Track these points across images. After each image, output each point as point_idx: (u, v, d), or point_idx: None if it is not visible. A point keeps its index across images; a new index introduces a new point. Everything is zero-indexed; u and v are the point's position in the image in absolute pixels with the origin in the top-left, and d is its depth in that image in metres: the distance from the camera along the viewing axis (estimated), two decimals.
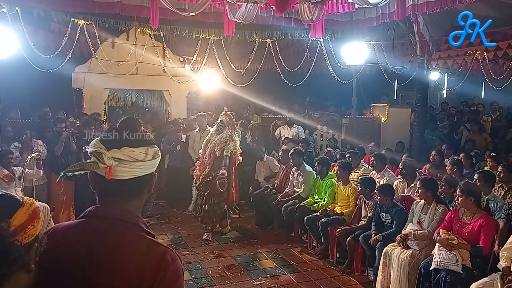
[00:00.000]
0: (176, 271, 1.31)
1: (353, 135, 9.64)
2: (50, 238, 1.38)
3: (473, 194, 4.16)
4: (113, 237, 1.32)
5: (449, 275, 3.88)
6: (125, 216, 1.36)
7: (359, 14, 7.98)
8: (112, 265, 1.27)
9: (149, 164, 1.40)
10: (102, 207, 1.39)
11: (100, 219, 1.36)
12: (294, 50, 10.66)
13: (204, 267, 5.43)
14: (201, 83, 9.47)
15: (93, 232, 1.33)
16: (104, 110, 8.78)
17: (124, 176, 1.35)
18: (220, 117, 6.51)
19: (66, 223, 1.45)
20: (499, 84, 9.71)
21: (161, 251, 1.32)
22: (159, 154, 1.43)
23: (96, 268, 1.27)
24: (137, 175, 1.37)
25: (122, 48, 8.70)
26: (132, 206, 1.40)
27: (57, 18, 7.77)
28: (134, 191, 1.40)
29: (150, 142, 1.42)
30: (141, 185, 1.41)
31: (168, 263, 1.30)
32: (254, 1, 6.26)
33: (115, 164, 1.33)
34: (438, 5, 6.26)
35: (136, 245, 1.31)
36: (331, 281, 5.07)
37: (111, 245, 1.30)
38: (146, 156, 1.37)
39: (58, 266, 1.31)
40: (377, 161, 6.27)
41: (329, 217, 5.78)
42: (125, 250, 1.29)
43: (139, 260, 1.28)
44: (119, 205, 1.37)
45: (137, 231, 1.36)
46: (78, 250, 1.31)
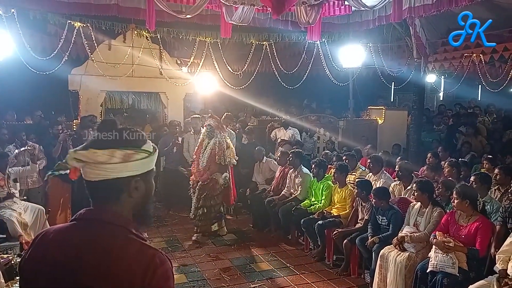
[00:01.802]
0: (165, 273, 1.31)
1: (350, 138, 9.64)
2: (41, 241, 1.38)
3: (469, 196, 4.17)
4: (103, 240, 1.31)
5: (445, 278, 3.88)
6: (115, 219, 1.36)
7: (355, 16, 8.01)
8: (102, 269, 1.26)
9: (119, 167, 1.34)
10: (92, 210, 1.39)
11: (90, 221, 1.36)
12: (291, 52, 10.67)
13: (200, 269, 5.41)
14: (198, 85, 9.46)
15: (82, 235, 1.32)
16: (100, 112, 8.75)
17: (92, 178, 1.35)
18: (207, 121, 6.46)
19: (58, 226, 1.44)
20: (496, 86, 9.74)
21: (150, 253, 1.31)
22: (134, 158, 1.37)
23: (85, 272, 1.26)
24: (106, 178, 1.34)
25: (119, 50, 8.67)
26: (123, 208, 1.39)
27: (54, 20, 7.74)
28: (108, 194, 1.37)
29: (123, 144, 1.37)
30: (114, 188, 1.36)
31: (157, 265, 1.29)
32: (251, 4, 6.26)
33: (80, 165, 1.35)
34: (434, 8, 6.28)
35: (126, 248, 1.30)
36: (327, 284, 5.06)
37: (101, 248, 1.29)
38: (110, 159, 1.33)
39: (47, 269, 1.30)
40: (374, 163, 6.26)
41: (326, 219, 5.78)
42: (114, 253, 1.28)
43: (128, 263, 1.27)
44: (109, 207, 1.37)
45: (127, 234, 1.35)
46: (67, 253, 1.30)
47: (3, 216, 5.58)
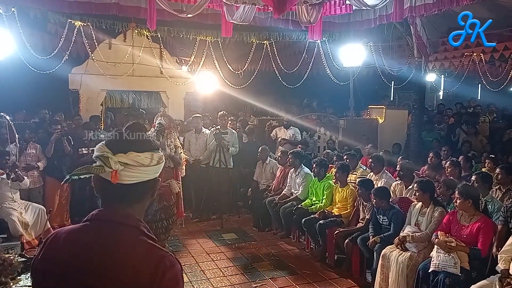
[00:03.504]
0: (175, 276, 1.30)
1: (350, 137, 9.63)
2: (52, 241, 1.38)
3: (472, 196, 4.17)
4: (114, 241, 1.31)
5: (447, 278, 3.88)
6: (127, 220, 1.36)
7: (356, 16, 8.00)
8: (111, 269, 1.26)
9: (154, 169, 1.41)
10: (105, 211, 1.39)
11: (102, 222, 1.36)
12: (291, 51, 10.66)
13: (202, 269, 5.41)
14: (198, 84, 9.45)
15: (94, 235, 1.33)
16: (101, 112, 8.73)
17: (129, 181, 1.36)
18: (158, 119, 5.50)
19: (69, 227, 1.44)
20: (496, 86, 9.74)
21: (160, 255, 1.31)
22: (163, 160, 1.45)
23: (94, 272, 1.27)
24: (142, 180, 1.38)
25: (119, 50, 8.65)
26: (135, 210, 1.41)
27: (54, 19, 7.72)
28: (138, 195, 1.41)
29: (155, 147, 1.44)
30: (144, 190, 1.41)
31: (166, 267, 1.29)
32: (252, 3, 6.24)
33: (121, 169, 1.33)
34: (435, 7, 6.28)
35: (135, 248, 1.30)
36: (329, 283, 5.06)
37: (111, 249, 1.29)
38: (151, 161, 1.39)
39: (56, 269, 1.31)
40: (375, 162, 6.26)
41: (327, 219, 5.78)
42: (124, 254, 1.28)
43: (137, 264, 1.27)
44: (122, 209, 1.37)
45: (138, 235, 1.35)
46: (78, 253, 1.30)
47: (4, 216, 5.58)
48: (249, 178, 7.98)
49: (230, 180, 7.70)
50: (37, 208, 5.95)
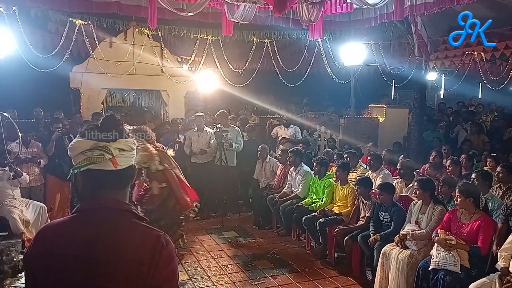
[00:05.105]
0: (170, 253, 1.38)
1: (351, 136, 9.65)
2: (44, 236, 1.39)
3: (472, 194, 4.17)
4: (110, 226, 1.36)
5: (447, 276, 3.88)
6: (119, 205, 1.42)
7: (357, 14, 8.00)
8: (112, 254, 1.31)
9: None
10: (93, 200, 1.42)
11: (95, 211, 1.40)
12: (292, 50, 10.66)
13: (202, 267, 5.42)
14: (199, 83, 9.46)
15: (89, 224, 1.36)
16: (101, 110, 8.74)
17: (123, 165, 1.44)
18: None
19: (59, 220, 1.47)
20: (496, 84, 9.75)
21: (155, 234, 1.38)
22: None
23: (96, 259, 1.30)
24: (131, 164, 1.49)
25: (120, 48, 8.66)
26: (123, 195, 1.48)
27: (55, 18, 7.73)
28: (127, 180, 1.50)
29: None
30: (131, 173, 1.50)
31: (163, 245, 1.36)
32: (252, 2, 6.26)
33: (117, 154, 1.42)
34: (436, 6, 6.28)
35: (132, 231, 1.37)
36: (329, 281, 5.07)
37: (109, 234, 1.34)
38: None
39: (57, 262, 1.32)
40: (373, 160, 6.29)
41: (327, 217, 5.79)
42: (122, 238, 1.34)
43: (136, 245, 1.33)
44: (113, 195, 1.43)
45: (132, 218, 1.41)
46: (76, 243, 1.33)
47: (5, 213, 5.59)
48: (249, 177, 7.98)
49: (231, 178, 7.71)
50: (38, 206, 5.95)
